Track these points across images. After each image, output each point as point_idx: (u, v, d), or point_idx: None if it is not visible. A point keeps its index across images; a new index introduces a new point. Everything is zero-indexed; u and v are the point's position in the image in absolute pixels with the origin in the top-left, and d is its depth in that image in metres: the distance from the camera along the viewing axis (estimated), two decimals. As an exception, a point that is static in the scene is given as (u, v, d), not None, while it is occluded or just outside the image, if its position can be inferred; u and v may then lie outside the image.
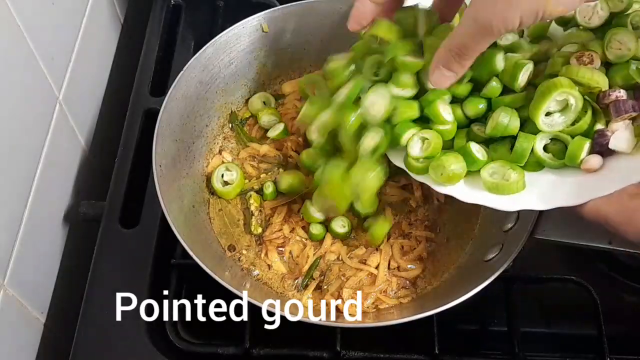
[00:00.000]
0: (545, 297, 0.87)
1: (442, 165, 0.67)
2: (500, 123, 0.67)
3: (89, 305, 0.80)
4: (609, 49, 0.66)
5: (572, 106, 0.65)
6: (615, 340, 0.80)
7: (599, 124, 0.65)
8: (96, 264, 0.82)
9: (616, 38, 0.66)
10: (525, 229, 0.75)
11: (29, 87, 0.78)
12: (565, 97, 0.64)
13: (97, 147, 0.98)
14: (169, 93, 0.82)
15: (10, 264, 0.74)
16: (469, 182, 0.69)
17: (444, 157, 0.68)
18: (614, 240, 0.74)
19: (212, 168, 0.88)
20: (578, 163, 0.65)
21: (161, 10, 1.04)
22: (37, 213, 0.80)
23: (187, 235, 0.75)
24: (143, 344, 0.77)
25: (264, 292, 0.81)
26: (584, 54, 0.66)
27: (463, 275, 0.81)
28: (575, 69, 0.65)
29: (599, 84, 0.64)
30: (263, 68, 0.94)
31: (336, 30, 0.94)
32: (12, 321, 0.76)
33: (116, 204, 0.86)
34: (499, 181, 0.66)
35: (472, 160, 0.68)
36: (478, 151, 0.69)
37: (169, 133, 0.82)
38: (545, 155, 0.67)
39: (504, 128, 0.67)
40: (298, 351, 0.78)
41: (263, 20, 0.90)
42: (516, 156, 0.67)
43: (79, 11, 0.92)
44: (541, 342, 0.85)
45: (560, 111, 0.66)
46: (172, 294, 0.81)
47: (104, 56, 1.03)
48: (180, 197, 0.81)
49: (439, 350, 0.77)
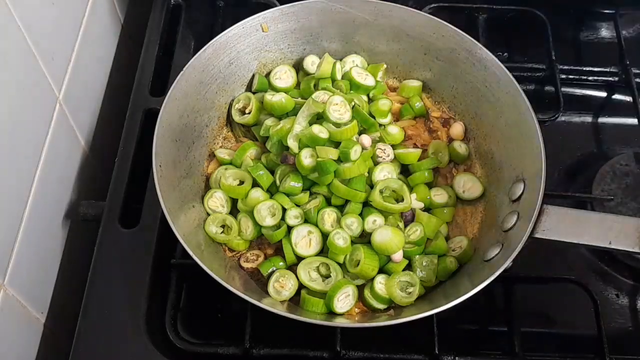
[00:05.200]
0: (545, 297, 0.87)
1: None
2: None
3: (89, 305, 0.80)
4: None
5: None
6: (615, 340, 0.80)
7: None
8: (96, 264, 0.82)
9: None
10: (525, 229, 0.75)
11: (29, 87, 0.78)
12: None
13: (97, 147, 0.98)
14: (169, 93, 0.82)
15: (10, 264, 0.74)
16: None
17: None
18: (613, 240, 0.74)
19: (212, 169, 0.88)
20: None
21: (161, 10, 1.04)
22: (37, 213, 0.80)
23: (187, 236, 0.75)
24: (143, 344, 0.77)
25: (265, 291, 0.81)
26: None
27: (463, 275, 0.81)
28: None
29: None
30: (263, 68, 0.94)
31: (336, 30, 0.94)
32: (12, 321, 0.76)
33: (116, 204, 0.86)
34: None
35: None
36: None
37: (169, 133, 0.82)
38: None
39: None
40: (298, 351, 0.78)
41: (263, 20, 0.90)
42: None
43: (79, 11, 0.92)
44: (541, 342, 0.85)
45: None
46: (172, 294, 0.81)
47: (104, 56, 1.03)
48: (180, 197, 0.81)
49: (439, 350, 0.78)
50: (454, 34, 0.89)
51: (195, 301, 0.85)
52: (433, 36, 0.91)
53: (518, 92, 0.83)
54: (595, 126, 1.04)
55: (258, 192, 0.83)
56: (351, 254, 0.79)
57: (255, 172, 0.83)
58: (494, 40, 1.03)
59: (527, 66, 1.04)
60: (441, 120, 0.93)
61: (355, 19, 0.93)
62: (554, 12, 1.06)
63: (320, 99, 0.85)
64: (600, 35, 1.13)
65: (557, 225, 0.75)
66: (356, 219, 0.81)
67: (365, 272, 0.77)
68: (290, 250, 0.80)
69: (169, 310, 0.80)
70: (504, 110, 0.86)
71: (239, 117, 0.91)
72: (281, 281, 0.79)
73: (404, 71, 0.96)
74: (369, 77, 0.93)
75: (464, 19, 1.05)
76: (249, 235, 0.83)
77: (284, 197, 0.82)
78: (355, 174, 0.80)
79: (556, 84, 0.99)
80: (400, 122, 0.92)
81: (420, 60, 0.94)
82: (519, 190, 0.81)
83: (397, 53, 0.95)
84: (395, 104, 0.93)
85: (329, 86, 0.89)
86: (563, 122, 1.02)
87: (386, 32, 0.93)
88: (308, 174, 0.81)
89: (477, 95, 0.90)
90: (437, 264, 0.81)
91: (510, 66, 0.86)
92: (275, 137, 0.84)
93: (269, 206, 0.82)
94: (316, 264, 0.80)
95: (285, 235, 0.81)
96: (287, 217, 0.81)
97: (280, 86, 0.93)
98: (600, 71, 1.04)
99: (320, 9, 0.92)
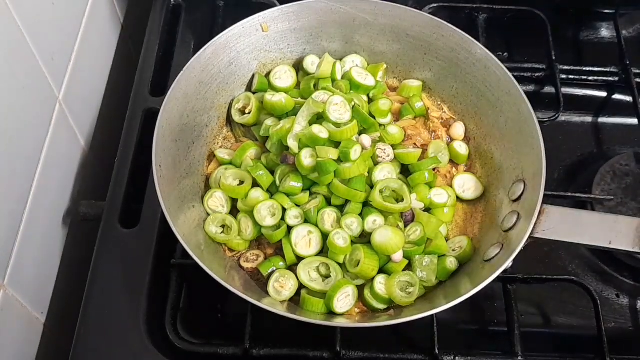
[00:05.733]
0: (545, 297, 0.87)
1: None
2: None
3: (89, 305, 0.80)
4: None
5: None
6: (615, 340, 0.80)
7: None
8: (96, 264, 0.82)
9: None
10: (525, 229, 0.75)
11: (29, 87, 0.78)
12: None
13: (97, 147, 0.98)
14: (169, 93, 0.82)
15: (10, 264, 0.74)
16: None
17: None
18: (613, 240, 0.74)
19: (212, 169, 0.88)
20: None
21: (161, 10, 1.04)
22: (37, 213, 0.80)
23: (187, 235, 0.75)
24: (143, 344, 0.77)
25: (265, 291, 0.81)
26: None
27: (463, 275, 0.81)
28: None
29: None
30: (263, 68, 0.94)
31: (336, 30, 0.94)
32: (12, 321, 0.76)
33: (116, 204, 0.86)
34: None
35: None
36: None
37: (169, 133, 0.82)
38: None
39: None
40: (298, 351, 0.78)
41: (263, 20, 0.90)
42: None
43: (79, 11, 0.92)
44: (541, 342, 0.85)
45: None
46: (172, 294, 0.81)
47: (104, 56, 1.03)
48: (180, 197, 0.81)
49: (439, 350, 0.78)
50: (454, 34, 0.89)
51: (195, 301, 0.85)
52: (433, 36, 0.91)
53: (518, 92, 0.83)
54: (595, 126, 1.04)
55: (258, 192, 0.83)
56: (351, 254, 0.79)
57: (255, 172, 0.83)
58: (494, 40, 1.03)
59: (527, 66, 1.04)
60: (441, 120, 0.93)
61: (355, 19, 0.93)
62: (554, 12, 1.06)
63: (320, 99, 0.85)
64: (600, 35, 1.13)
65: (557, 225, 0.75)
66: (356, 219, 0.81)
67: (365, 272, 0.77)
68: (290, 250, 0.80)
69: (169, 310, 0.80)
70: (504, 110, 0.86)
71: (239, 117, 0.91)
72: (281, 281, 0.79)
73: (404, 71, 0.96)
74: (369, 77, 0.93)
75: (464, 19, 1.05)
76: (249, 235, 0.83)
77: (284, 197, 0.82)
78: (355, 174, 0.80)
79: (556, 84, 0.99)
80: (400, 122, 0.92)
81: (420, 60, 0.94)
82: (519, 190, 0.81)
83: (397, 53, 0.95)
84: (395, 104, 0.93)
85: (329, 86, 0.89)
86: (563, 122, 1.02)
87: (386, 32, 0.93)
88: (308, 174, 0.81)
89: (477, 95, 0.90)
90: (437, 264, 0.81)
91: (510, 66, 0.87)
92: (275, 137, 0.84)
93: (269, 206, 0.82)
94: (316, 264, 0.80)
95: (285, 235, 0.81)
96: (287, 217, 0.81)
97: (280, 86, 0.93)
98: (600, 71, 1.04)
99: (320, 9, 0.92)
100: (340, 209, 0.83)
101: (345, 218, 0.81)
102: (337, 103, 0.83)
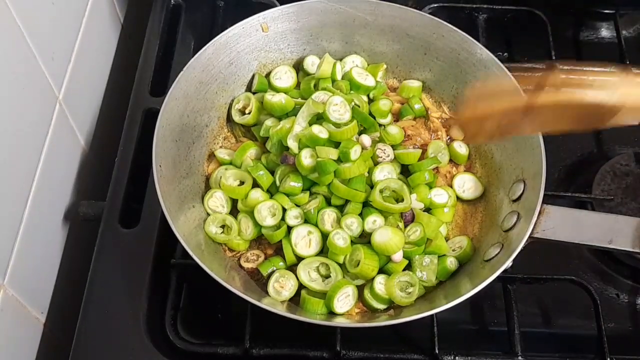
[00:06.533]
0: (545, 297, 0.87)
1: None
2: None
3: (89, 305, 0.80)
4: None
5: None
6: (615, 340, 0.80)
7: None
8: (96, 264, 0.82)
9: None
10: (525, 229, 0.75)
11: (29, 87, 0.78)
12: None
13: (97, 147, 0.98)
14: (169, 93, 0.82)
15: (10, 264, 0.74)
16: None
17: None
18: (613, 240, 0.74)
19: (212, 169, 0.88)
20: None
21: (161, 10, 1.04)
22: (37, 213, 0.80)
23: (187, 235, 0.76)
24: (143, 344, 0.77)
25: (264, 291, 0.81)
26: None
27: (463, 275, 0.81)
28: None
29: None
30: (263, 68, 0.94)
31: (336, 30, 0.94)
32: (12, 321, 0.76)
33: (116, 204, 0.86)
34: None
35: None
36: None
37: (169, 133, 0.82)
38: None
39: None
40: (298, 351, 0.78)
41: (263, 20, 0.90)
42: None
43: (79, 11, 0.92)
44: (541, 342, 0.85)
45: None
46: (172, 294, 0.81)
47: (104, 56, 1.03)
48: (180, 197, 0.81)
49: (439, 350, 0.78)
50: (454, 34, 0.89)
51: (195, 301, 0.85)
52: (433, 36, 0.91)
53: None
54: (595, 126, 1.04)
55: (258, 193, 0.83)
56: (351, 254, 0.79)
57: (255, 173, 0.83)
58: (494, 40, 1.03)
59: (527, 66, 1.03)
60: (441, 120, 0.93)
61: (355, 19, 0.93)
62: (554, 12, 1.06)
63: (320, 99, 0.85)
64: (600, 35, 1.13)
65: (557, 225, 0.75)
66: (356, 219, 0.81)
67: (365, 272, 0.77)
68: (290, 250, 0.80)
69: (169, 310, 0.80)
70: (504, 110, 0.86)
71: (239, 117, 0.91)
72: (281, 281, 0.79)
73: (404, 71, 0.96)
74: (369, 78, 0.93)
75: (464, 19, 1.05)
76: (249, 235, 0.83)
77: (284, 197, 0.82)
78: (355, 174, 0.80)
79: (556, 84, 0.99)
80: (400, 122, 0.92)
81: (420, 60, 0.94)
82: (519, 190, 0.81)
83: (397, 53, 0.95)
84: (395, 104, 0.93)
85: (329, 86, 0.89)
86: (563, 122, 1.02)
87: (386, 32, 0.93)
88: (308, 174, 0.81)
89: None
90: (437, 264, 0.81)
91: (510, 66, 0.87)
92: (275, 137, 0.84)
93: (269, 206, 0.82)
94: (316, 264, 0.80)
95: (285, 236, 0.81)
96: (287, 217, 0.81)
97: (280, 86, 0.93)
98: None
99: (320, 9, 0.92)
100: (340, 209, 0.83)
101: (345, 218, 0.81)
102: (337, 103, 0.84)
